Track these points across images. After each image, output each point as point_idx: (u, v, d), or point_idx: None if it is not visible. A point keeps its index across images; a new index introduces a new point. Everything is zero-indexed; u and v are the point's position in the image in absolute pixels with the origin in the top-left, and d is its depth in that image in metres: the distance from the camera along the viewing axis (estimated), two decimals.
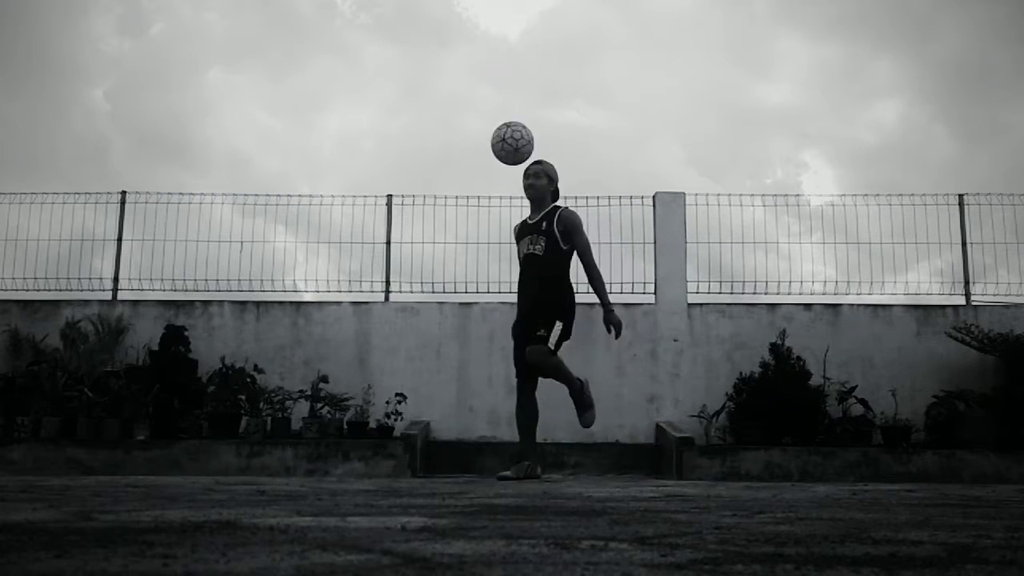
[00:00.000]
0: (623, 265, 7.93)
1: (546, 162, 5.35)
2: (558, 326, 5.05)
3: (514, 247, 5.55)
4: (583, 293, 7.75)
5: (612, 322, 5.22)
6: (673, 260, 7.96)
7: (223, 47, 21.96)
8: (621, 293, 7.81)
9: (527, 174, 5.31)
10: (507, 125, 5.21)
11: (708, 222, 8.07)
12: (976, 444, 6.52)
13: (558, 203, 5.37)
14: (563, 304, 5.14)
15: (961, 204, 8.11)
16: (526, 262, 5.30)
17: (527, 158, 5.26)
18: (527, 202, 5.48)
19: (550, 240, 5.16)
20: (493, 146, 5.22)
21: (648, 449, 7.34)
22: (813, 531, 1.79)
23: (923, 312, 7.82)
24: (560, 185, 5.41)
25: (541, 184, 5.28)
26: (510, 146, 5.17)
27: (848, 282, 8.02)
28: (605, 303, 5.25)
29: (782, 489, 4.23)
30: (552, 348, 5.04)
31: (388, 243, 8.17)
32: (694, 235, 8.08)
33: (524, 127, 5.22)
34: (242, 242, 8.12)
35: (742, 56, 21.96)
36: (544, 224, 5.20)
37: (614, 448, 7.35)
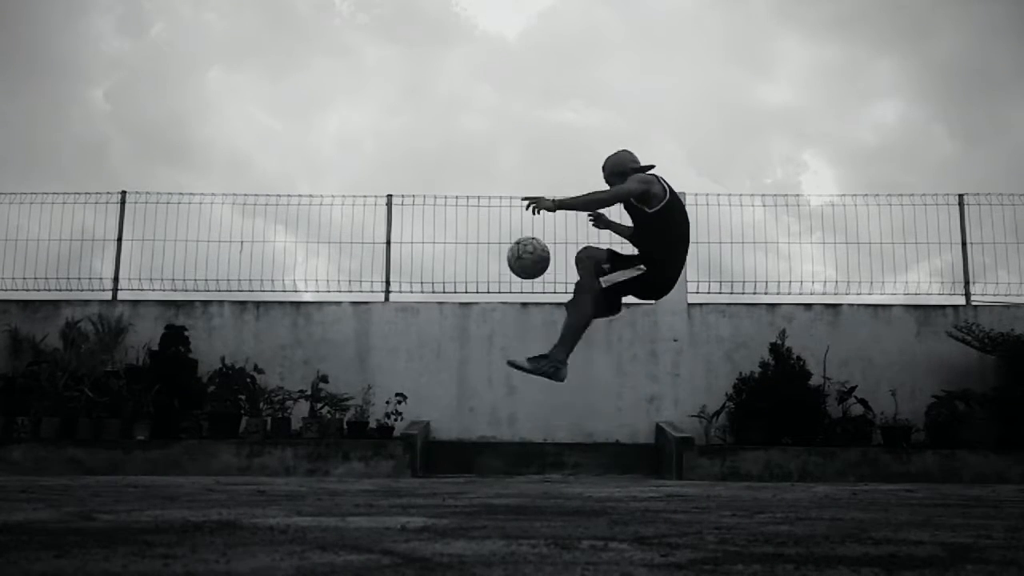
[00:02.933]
0: None
1: (607, 161, 4.85)
2: (640, 270, 4.50)
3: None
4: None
5: (536, 200, 4.54)
6: None
7: (223, 47, 21.94)
8: None
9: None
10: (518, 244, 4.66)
11: (708, 222, 8.06)
12: (976, 444, 6.52)
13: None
14: (652, 261, 4.56)
15: (961, 204, 8.11)
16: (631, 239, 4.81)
17: (540, 261, 4.67)
18: (527, 201, 5.40)
19: (630, 208, 4.70)
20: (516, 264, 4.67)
21: (648, 449, 7.34)
22: (813, 531, 1.79)
23: (923, 312, 7.82)
24: (558, 185, 5.26)
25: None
26: (528, 258, 4.77)
27: (848, 282, 8.02)
28: (560, 198, 4.55)
29: (782, 489, 4.23)
30: (607, 276, 4.46)
31: (388, 243, 8.17)
32: (694, 235, 8.04)
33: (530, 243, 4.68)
34: (242, 242, 8.12)
35: (742, 56, 21.95)
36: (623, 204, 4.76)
37: (614, 448, 7.35)
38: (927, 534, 1.75)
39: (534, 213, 4.61)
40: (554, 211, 4.60)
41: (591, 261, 4.56)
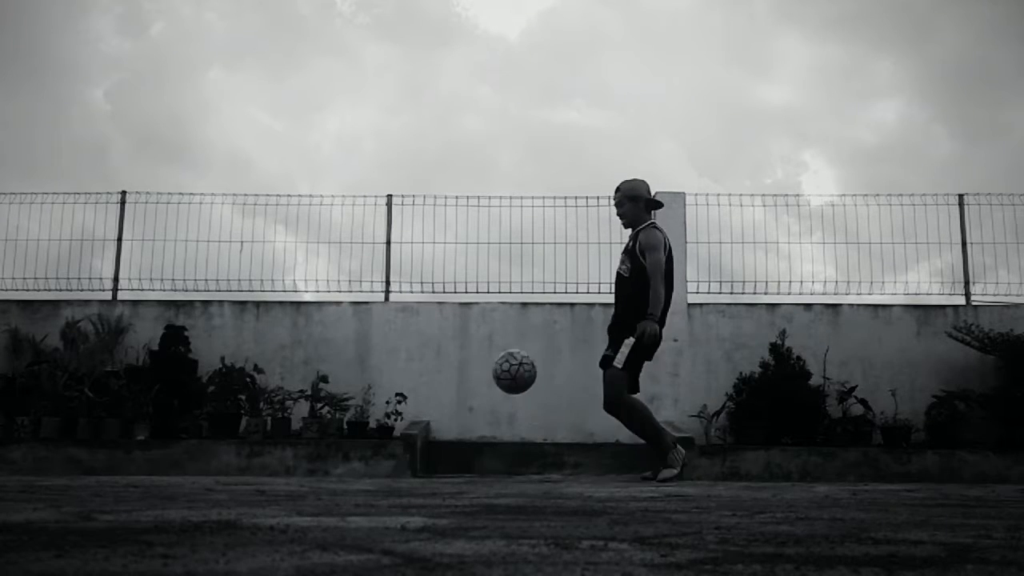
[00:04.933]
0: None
1: (624, 184, 5.27)
2: (628, 342, 4.94)
3: (515, 247, 5.56)
4: (582, 293, 7.75)
5: (641, 330, 4.92)
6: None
7: (223, 47, 21.96)
8: None
9: (614, 203, 5.31)
10: (507, 358, 5.16)
11: (708, 222, 8.07)
12: (976, 444, 6.52)
13: (652, 220, 5.25)
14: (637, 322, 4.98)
15: (961, 204, 8.11)
16: (616, 282, 5.26)
17: (530, 382, 5.18)
18: (527, 202, 5.48)
19: (634, 261, 5.10)
20: (498, 378, 5.16)
21: (648, 449, 7.33)
22: (813, 531, 1.79)
23: (923, 312, 7.82)
24: (558, 186, 5.41)
25: (625, 210, 5.25)
26: (508, 375, 5.10)
27: (848, 282, 8.02)
28: (647, 310, 4.94)
29: (782, 489, 4.23)
30: (620, 367, 4.94)
31: (388, 243, 8.17)
32: (694, 235, 8.08)
33: (521, 358, 5.15)
34: (242, 242, 8.13)
35: (742, 56, 21.97)
36: (630, 244, 5.18)
37: (614, 448, 7.34)
38: (927, 534, 1.75)
39: (655, 343, 5.02)
40: (662, 329, 5.02)
41: (616, 383, 4.99)
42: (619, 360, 4.92)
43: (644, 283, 4.96)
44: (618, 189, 5.27)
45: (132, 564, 1.19)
